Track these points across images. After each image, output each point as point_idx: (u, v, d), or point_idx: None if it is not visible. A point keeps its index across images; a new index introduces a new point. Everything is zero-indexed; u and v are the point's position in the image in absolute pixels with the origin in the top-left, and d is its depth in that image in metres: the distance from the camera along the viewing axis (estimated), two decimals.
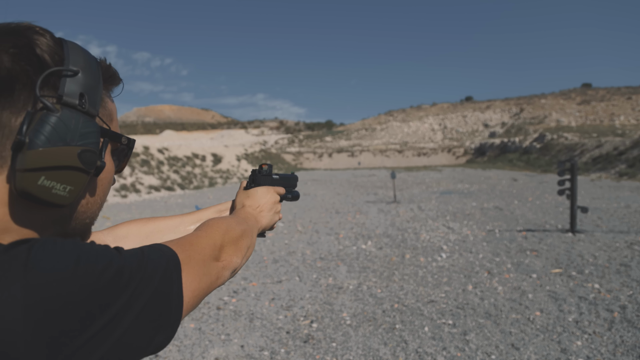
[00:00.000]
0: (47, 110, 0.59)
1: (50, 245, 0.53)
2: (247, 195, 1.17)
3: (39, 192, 0.59)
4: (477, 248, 7.92)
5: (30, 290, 0.48)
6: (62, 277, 0.51)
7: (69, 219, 0.68)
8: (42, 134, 0.58)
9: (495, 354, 3.92)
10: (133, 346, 0.57)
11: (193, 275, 0.69)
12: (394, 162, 59.25)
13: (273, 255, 7.92)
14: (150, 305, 0.59)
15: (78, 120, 0.62)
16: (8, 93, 0.58)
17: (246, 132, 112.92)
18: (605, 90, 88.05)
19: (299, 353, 4.11)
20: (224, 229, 0.87)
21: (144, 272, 0.59)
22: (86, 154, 0.62)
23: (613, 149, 28.21)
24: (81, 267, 0.53)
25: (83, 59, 0.65)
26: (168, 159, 28.96)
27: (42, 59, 0.60)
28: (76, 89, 0.63)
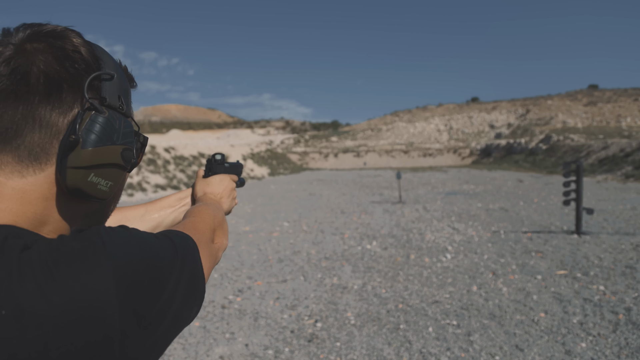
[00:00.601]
0: (95, 111, 0.63)
1: (112, 232, 0.60)
2: (207, 183, 1.22)
3: (88, 188, 0.64)
4: (482, 249, 7.92)
5: (116, 269, 0.55)
6: (134, 257, 0.58)
7: (100, 212, 0.73)
8: (93, 133, 0.62)
9: (500, 355, 3.93)
10: (184, 316, 0.65)
11: (205, 256, 0.76)
12: (399, 163, 59.18)
13: (278, 255, 7.94)
14: (190, 282, 0.66)
15: (120, 121, 0.67)
16: (56, 94, 0.61)
17: (252, 132, 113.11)
18: (612, 92, 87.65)
19: (303, 352, 4.12)
20: (212, 214, 0.94)
21: (182, 256, 0.66)
22: (127, 152, 0.68)
23: (619, 151, 28.07)
24: (146, 251, 0.61)
25: (113, 63, 0.69)
26: (174, 158, 29.04)
27: (87, 62, 0.64)
28: (115, 91, 0.67)
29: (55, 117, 0.61)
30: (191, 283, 0.67)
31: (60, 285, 0.51)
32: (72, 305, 0.51)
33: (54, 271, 0.52)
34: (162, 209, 1.17)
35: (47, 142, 0.61)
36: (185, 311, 0.66)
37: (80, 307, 0.52)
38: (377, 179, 29.83)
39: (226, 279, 6.49)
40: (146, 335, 0.58)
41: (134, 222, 1.11)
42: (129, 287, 0.56)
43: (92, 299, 0.52)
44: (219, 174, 1.25)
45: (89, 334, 0.52)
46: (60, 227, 0.65)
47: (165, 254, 0.63)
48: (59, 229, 0.65)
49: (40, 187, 0.62)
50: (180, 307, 0.64)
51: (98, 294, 0.53)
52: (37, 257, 0.52)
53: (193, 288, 0.67)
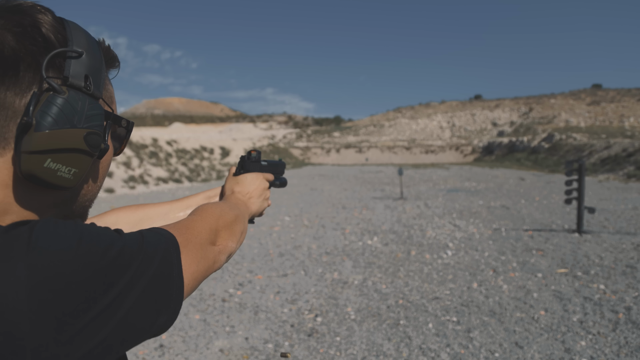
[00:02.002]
0: (53, 91, 0.58)
1: (51, 226, 0.52)
2: (237, 181, 1.15)
3: (45, 175, 0.58)
4: (483, 246, 7.92)
5: (34, 270, 0.48)
6: (65, 256, 0.50)
7: (71, 201, 0.67)
8: (49, 115, 0.57)
9: (499, 352, 3.93)
10: (136, 327, 0.56)
11: (191, 258, 0.69)
12: (401, 159, 59.17)
13: (279, 249, 7.95)
14: (152, 286, 0.58)
15: (84, 102, 0.61)
16: (13, 73, 0.57)
17: (255, 126, 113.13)
18: (616, 92, 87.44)
19: (303, 346, 4.13)
20: (218, 214, 0.86)
21: (144, 254, 0.58)
22: (92, 136, 0.62)
23: (622, 151, 28.02)
24: (83, 247, 0.52)
25: (86, 40, 0.64)
26: (176, 151, 29.06)
27: (48, 38, 0.59)
28: (81, 70, 0.61)
29: (11, 98, 0.57)
30: (155, 286, 0.59)
31: None
32: None
33: None
34: (188, 208, 1.11)
35: (3, 125, 0.57)
36: (142, 320, 0.57)
37: None
38: (378, 175, 29.82)
39: (227, 272, 6.50)
40: (73, 346, 0.49)
41: (157, 220, 1.07)
42: (51, 290, 0.48)
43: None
44: (251, 172, 1.18)
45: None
46: (25, 217, 0.61)
47: (120, 250, 0.55)
48: (23, 219, 0.60)
49: (0, 173, 0.58)
50: (132, 314, 0.55)
51: (7, 301, 0.46)
52: None
53: (158, 292, 0.59)
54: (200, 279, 0.71)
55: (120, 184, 19.99)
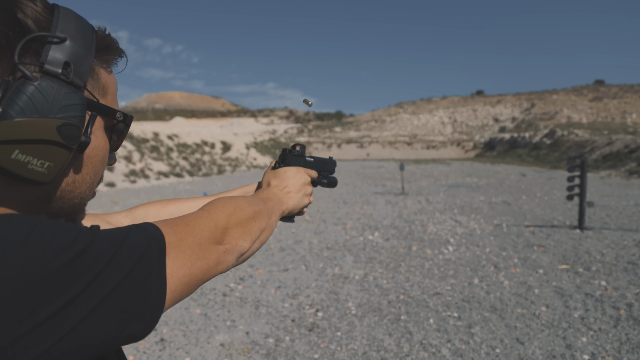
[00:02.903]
0: (25, 78, 0.54)
1: (5, 223, 0.49)
2: (275, 174, 1.08)
3: (13, 167, 0.54)
4: (484, 242, 7.91)
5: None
6: (5, 255, 0.46)
7: (54, 198, 0.63)
8: (16, 103, 0.53)
9: (500, 348, 3.93)
10: (94, 337, 0.50)
11: (183, 259, 0.63)
12: (402, 155, 59.13)
13: (280, 244, 7.94)
14: (118, 293, 0.52)
15: (59, 91, 0.56)
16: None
17: (256, 121, 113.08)
18: (618, 88, 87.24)
19: (303, 341, 4.13)
20: (230, 210, 0.78)
21: (113, 256, 0.53)
22: (67, 127, 0.57)
23: (624, 147, 27.97)
24: (30, 246, 0.47)
25: (74, 26, 0.60)
26: (177, 145, 29.05)
27: (24, 23, 0.56)
28: (61, 57, 0.57)
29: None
30: (125, 292, 0.53)
31: None
32: None
33: None
34: None
35: None
36: (102, 330, 0.51)
37: None
38: (380, 170, 29.81)
39: None
40: (7, 357, 0.45)
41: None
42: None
43: None
44: (288, 168, 1.10)
45: None
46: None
47: (82, 248, 0.51)
48: None
49: None
50: (88, 323, 0.49)
51: None
52: None
53: (127, 299, 0.53)
54: (194, 282, 0.65)
55: (121, 178, 20.00)
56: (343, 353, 3.89)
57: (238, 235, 0.77)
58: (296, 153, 1.13)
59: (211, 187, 19.00)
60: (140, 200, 14.38)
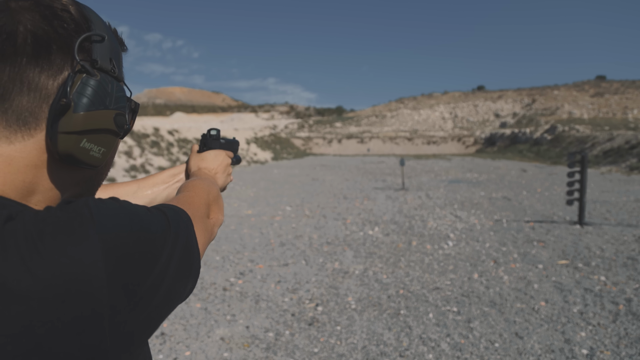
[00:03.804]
0: (87, 74, 0.60)
1: (101, 204, 0.56)
2: (202, 158, 1.18)
3: (80, 154, 0.61)
4: (484, 237, 7.92)
5: (104, 241, 0.52)
6: (124, 231, 0.55)
7: (92, 179, 0.70)
8: (85, 96, 0.59)
9: (499, 342, 3.94)
10: (177, 292, 0.62)
11: (199, 230, 0.73)
12: (403, 150, 59.10)
13: (280, 239, 7.96)
14: (184, 257, 0.63)
15: (113, 84, 0.63)
16: (45, 55, 0.57)
17: (256, 116, 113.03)
18: (620, 83, 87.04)
19: (303, 335, 4.15)
20: (206, 189, 0.91)
21: (176, 228, 0.63)
22: (120, 117, 0.65)
23: (625, 143, 27.95)
24: (136, 224, 0.57)
25: (103, 25, 0.65)
26: (178, 140, 29.04)
27: (78, 22, 0.60)
28: (106, 54, 0.63)
29: (44, 79, 0.58)
30: (185, 258, 0.64)
31: (45, 258, 0.48)
32: (58, 279, 0.48)
33: (39, 244, 0.49)
34: (155, 185, 1.14)
35: (36, 106, 0.58)
36: (179, 287, 0.63)
37: (67, 281, 0.49)
38: (380, 166, 29.80)
39: (228, 261, 6.52)
40: (137, 311, 0.55)
41: (126, 198, 1.07)
42: (118, 260, 0.53)
43: (79, 273, 0.49)
44: (214, 149, 1.22)
45: (76, 310, 0.49)
46: (50, 197, 0.63)
47: (158, 227, 0.60)
48: (48, 199, 0.63)
49: (30, 154, 0.59)
50: (173, 282, 0.61)
51: (85, 267, 0.50)
52: (21, 229, 0.49)
53: (187, 263, 0.64)
54: (204, 249, 0.76)
55: (122, 173, 20.00)
56: (343, 347, 3.91)
57: (217, 210, 0.91)
58: (214, 137, 1.23)
59: None
60: None
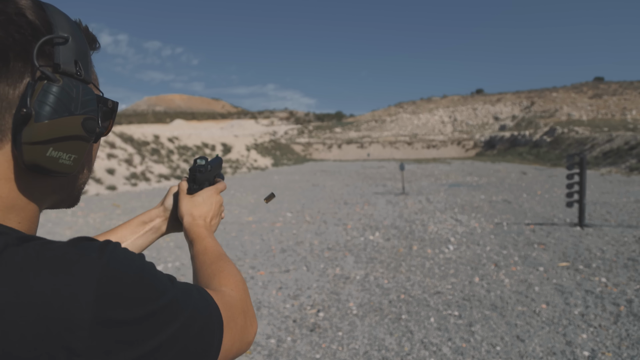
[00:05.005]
0: (47, 80, 0.56)
1: (119, 251, 0.54)
2: (194, 203, 1.04)
3: (48, 164, 0.58)
4: (485, 240, 7.93)
5: (102, 285, 0.49)
6: (130, 280, 0.52)
7: (67, 186, 0.68)
8: (47, 105, 0.56)
9: (501, 345, 3.95)
10: None
11: (231, 337, 0.67)
12: (403, 154, 59.12)
13: (281, 245, 7.97)
14: (184, 353, 0.56)
15: (78, 88, 0.60)
16: (2, 64, 0.54)
17: (256, 122, 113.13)
18: (618, 84, 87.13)
19: (305, 341, 4.15)
20: (235, 280, 0.82)
21: (190, 315, 0.58)
22: (88, 122, 0.61)
23: (624, 144, 27.98)
24: (144, 281, 0.53)
25: (68, 24, 0.61)
26: (178, 148, 29.08)
27: (35, 25, 0.57)
28: (70, 56, 0.60)
29: (3, 89, 0.55)
30: (191, 352, 0.57)
31: (34, 289, 0.46)
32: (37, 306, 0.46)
33: (34, 276, 0.47)
34: (123, 239, 1.01)
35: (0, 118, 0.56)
36: None
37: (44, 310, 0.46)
38: (380, 170, 29.82)
39: None
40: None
41: None
42: (111, 309, 0.49)
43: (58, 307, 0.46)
44: (204, 189, 1.09)
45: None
46: (29, 210, 0.62)
47: (170, 300, 0.55)
48: (28, 217, 0.62)
49: (1, 166, 0.57)
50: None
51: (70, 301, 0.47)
52: (21, 259, 0.48)
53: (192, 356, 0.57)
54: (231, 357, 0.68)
55: (122, 181, 20.02)
56: (344, 353, 3.92)
57: (251, 317, 0.79)
58: (204, 168, 1.09)
59: None
60: (141, 203, 14.40)
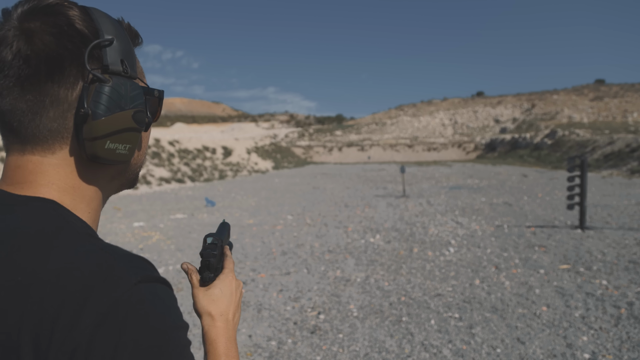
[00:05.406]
0: (99, 81, 0.64)
1: (159, 297, 0.58)
2: (211, 299, 0.88)
3: (107, 155, 0.66)
4: (485, 243, 7.93)
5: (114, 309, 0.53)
6: (150, 327, 0.55)
7: (125, 171, 0.76)
8: (101, 104, 0.63)
9: (501, 348, 3.95)
10: None
11: None
12: (403, 157, 59.13)
13: (282, 248, 7.97)
14: None
15: (126, 85, 0.67)
16: (59, 71, 0.62)
17: (256, 126, 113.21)
18: (619, 87, 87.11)
19: (305, 343, 4.15)
20: None
21: None
22: (138, 114, 0.68)
23: (625, 146, 27.97)
24: (168, 338, 0.56)
25: (112, 26, 0.68)
26: (179, 151, 29.10)
27: (83, 34, 0.64)
28: (117, 56, 0.66)
29: (63, 93, 0.63)
30: None
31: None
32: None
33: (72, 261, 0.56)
34: None
35: (62, 118, 0.64)
36: None
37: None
38: (381, 173, 29.82)
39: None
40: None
41: None
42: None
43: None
44: (219, 276, 0.92)
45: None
46: (91, 191, 0.70)
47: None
48: (95, 202, 0.71)
49: (69, 160, 0.66)
50: None
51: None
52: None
53: None
54: None
55: None
56: (345, 355, 3.92)
57: None
58: (217, 251, 0.94)
59: (213, 192, 19.04)
60: (142, 207, 14.41)
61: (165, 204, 15.10)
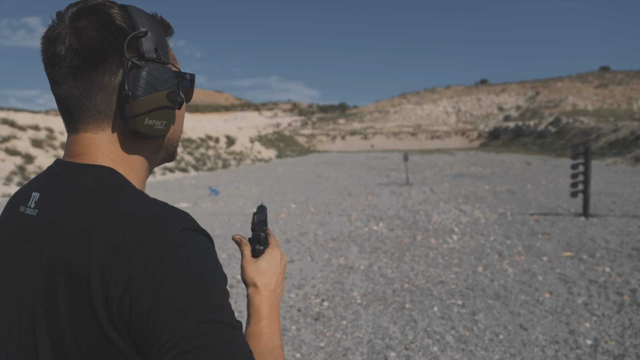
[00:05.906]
0: (137, 67, 0.76)
1: (199, 243, 0.69)
2: (259, 270, 0.95)
3: (147, 130, 0.77)
4: (489, 230, 7.94)
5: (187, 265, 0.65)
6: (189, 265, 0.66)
7: (164, 145, 0.88)
8: (139, 86, 0.75)
9: (504, 334, 3.97)
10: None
11: None
12: (407, 145, 59.00)
13: (285, 236, 8.00)
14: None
15: (160, 69, 0.78)
16: (104, 61, 0.75)
17: (259, 115, 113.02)
18: (624, 74, 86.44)
19: (309, 330, 4.19)
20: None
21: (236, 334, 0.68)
22: (171, 94, 0.79)
23: (630, 134, 27.83)
24: (205, 276, 0.67)
25: (147, 20, 0.79)
26: (182, 140, 29.10)
27: (122, 28, 0.76)
28: (151, 45, 0.78)
29: (108, 79, 0.76)
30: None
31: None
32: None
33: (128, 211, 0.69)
34: None
35: (108, 100, 0.77)
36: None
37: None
38: (384, 161, 29.80)
39: (234, 259, 6.56)
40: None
41: None
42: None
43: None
44: (267, 250, 0.99)
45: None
46: (143, 170, 0.84)
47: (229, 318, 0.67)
48: (142, 172, 0.84)
49: (116, 136, 0.79)
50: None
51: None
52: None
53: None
54: None
55: None
56: (348, 341, 3.95)
57: None
58: (263, 220, 1.05)
59: (216, 181, 19.07)
60: None
61: (169, 193, 15.14)
